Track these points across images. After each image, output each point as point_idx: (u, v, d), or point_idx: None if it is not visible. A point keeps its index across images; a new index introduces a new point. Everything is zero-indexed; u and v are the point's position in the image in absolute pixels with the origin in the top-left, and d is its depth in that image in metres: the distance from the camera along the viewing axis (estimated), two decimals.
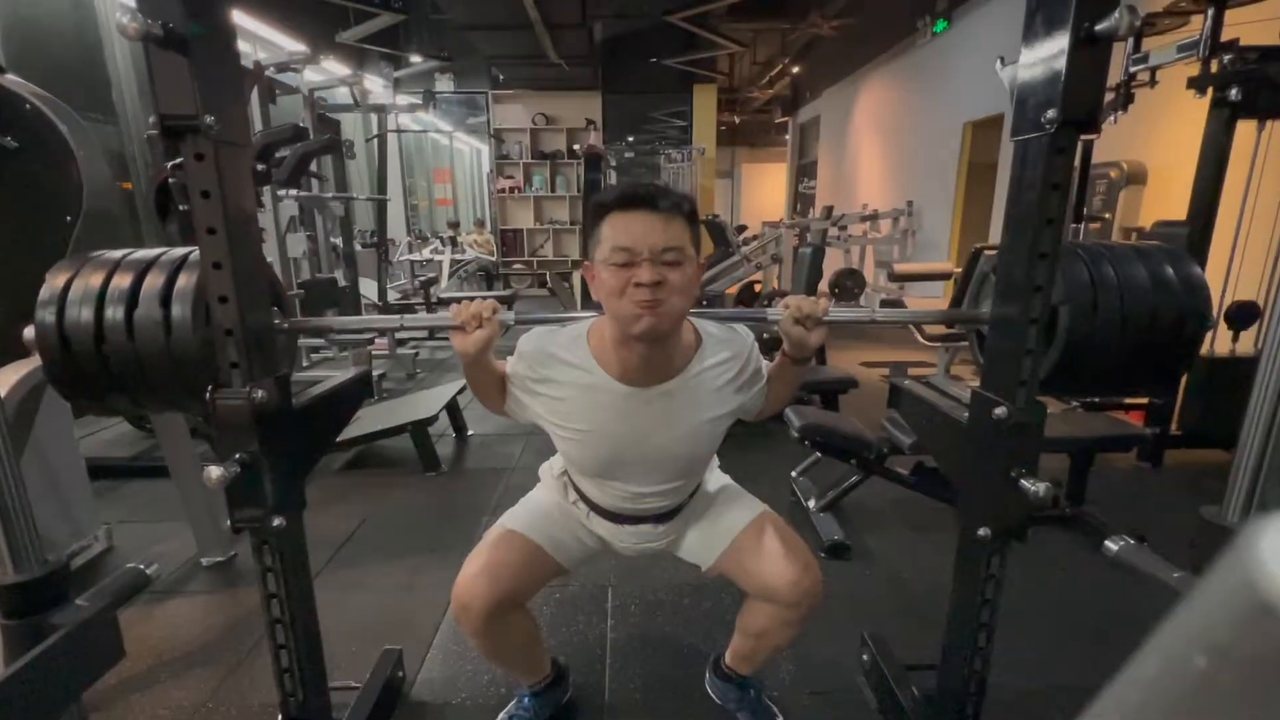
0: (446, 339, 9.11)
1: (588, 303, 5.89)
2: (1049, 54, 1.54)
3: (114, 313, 1.66)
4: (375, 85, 12.30)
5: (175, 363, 1.67)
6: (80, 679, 1.58)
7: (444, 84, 14.73)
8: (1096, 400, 4.97)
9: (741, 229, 11.88)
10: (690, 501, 2.20)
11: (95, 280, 1.69)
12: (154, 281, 1.69)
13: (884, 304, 6.87)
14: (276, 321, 1.85)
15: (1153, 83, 4.66)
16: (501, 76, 15.04)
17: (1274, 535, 0.26)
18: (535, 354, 1.93)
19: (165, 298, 1.68)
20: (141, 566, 1.98)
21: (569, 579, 3.15)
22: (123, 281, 1.69)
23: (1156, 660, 0.31)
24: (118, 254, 1.76)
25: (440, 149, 17.92)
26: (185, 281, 1.70)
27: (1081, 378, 1.80)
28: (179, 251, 1.77)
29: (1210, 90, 4.17)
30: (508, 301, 2.00)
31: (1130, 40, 4.67)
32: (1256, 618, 0.25)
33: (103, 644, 1.62)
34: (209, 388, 1.68)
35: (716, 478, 2.34)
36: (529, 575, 2.08)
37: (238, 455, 1.71)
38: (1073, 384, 1.92)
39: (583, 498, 2.17)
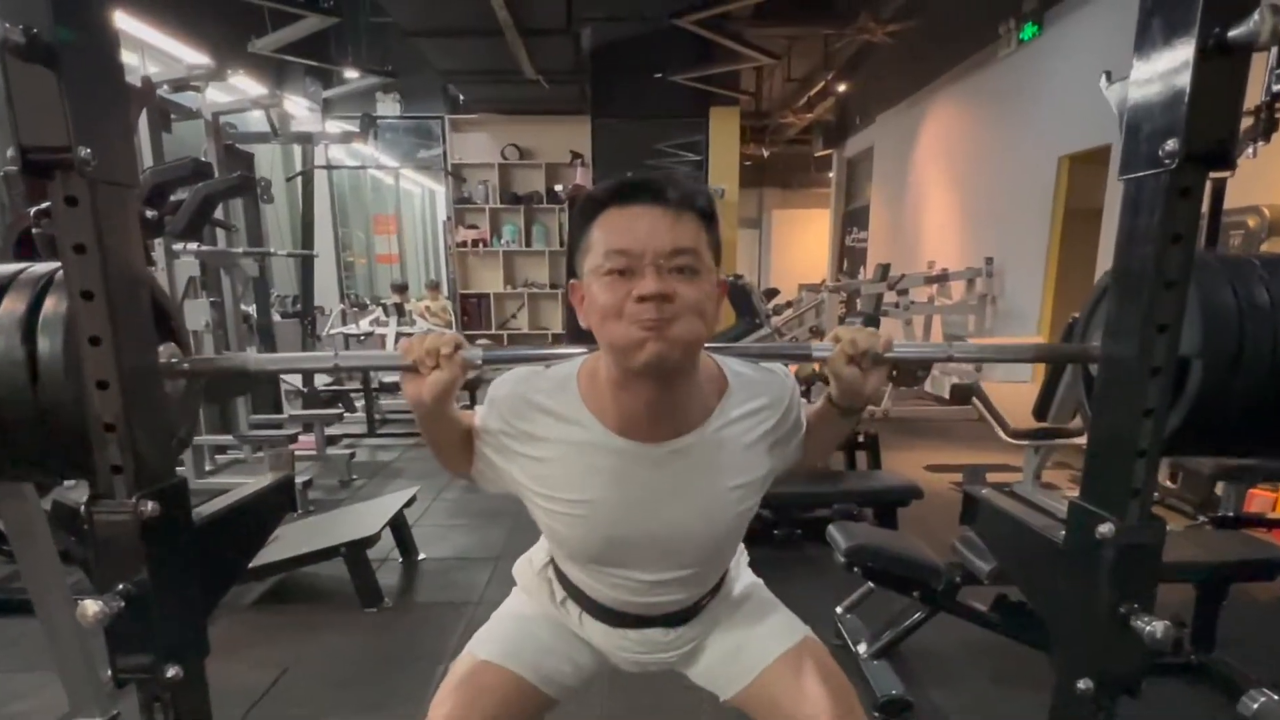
0: (391, 433, 9.14)
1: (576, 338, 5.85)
2: (1168, 68, 1.50)
3: None
4: (299, 108, 12.43)
5: (44, 416, 1.63)
6: None
7: (388, 106, 14.88)
8: (1231, 515, 4.97)
9: (771, 294, 11.95)
10: (712, 601, 2.13)
11: None
12: (13, 307, 1.65)
13: (955, 391, 6.87)
14: (173, 360, 1.80)
15: None
16: (462, 98, 15.16)
17: None
18: (511, 403, 1.86)
19: (29, 330, 1.63)
20: None
21: None
22: None
23: None
24: None
25: (383, 190, 18.07)
26: (54, 306, 1.65)
27: (1213, 437, 1.76)
28: (44, 267, 1.73)
29: None
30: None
31: (1273, 50, 4.66)
32: None
33: None
34: (90, 491, 1.65)
35: (745, 575, 2.28)
36: (510, 718, 2.01)
37: (121, 586, 1.66)
38: (1201, 444, 1.87)
39: (574, 595, 2.10)
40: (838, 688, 1.98)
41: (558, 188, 15.48)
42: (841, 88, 15.69)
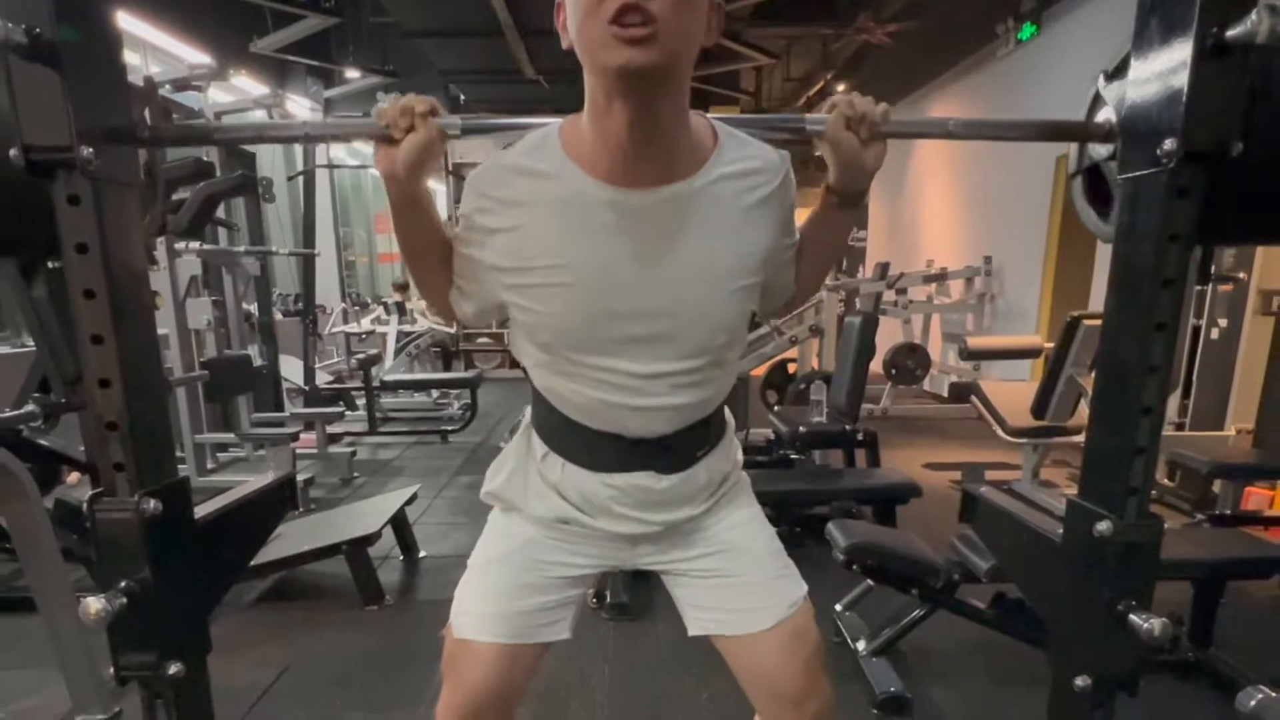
0: (392, 431, 9.13)
1: None
2: (1166, 67, 1.51)
3: None
4: (300, 108, 12.42)
5: None
6: None
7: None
8: (1228, 513, 4.97)
9: None
10: (707, 457, 1.95)
11: None
12: None
13: (954, 389, 6.89)
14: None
15: None
16: (463, 97, 15.00)
17: None
18: (487, 174, 1.74)
19: None
20: None
21: None
22: None
23: None
24: None
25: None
26: None
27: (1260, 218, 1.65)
28: None
29: None
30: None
31: None
32: None
33: None
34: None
35: (743, 479, 2.13)
36: (506, 687, 1.99)
37: (123, 584, 1.66)
38: (1244, 228, 1.73)
39: (555, 441, 1.93)
40: (821, 669, 1.95)
41: None
42: (840, 88, 15.53)
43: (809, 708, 1.92)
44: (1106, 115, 1.71)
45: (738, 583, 1.98)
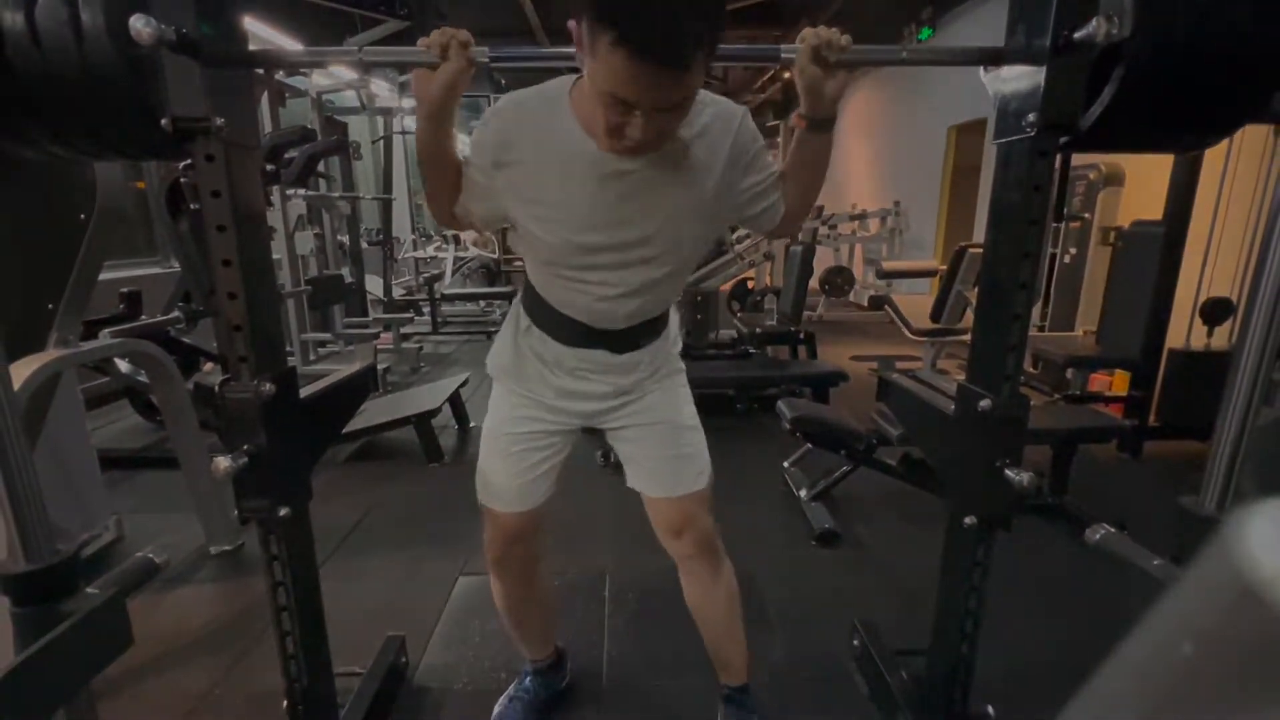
0: (450, 332, 9.10)
1: None
2: (1030, 60, 1.56)
3: (11, 17, 1.39)
4: (381, 89, 12.29)
5: (94, 79, 1.44)
6: (90, 666, 1.56)
7: None
8: (1078, 393, 4.99)
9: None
10: (652, 344, 1.93)
11: None
12: None
13: (872, 300, 6.89)
14: None
15: None
16: (503, 81, 14.82)
17: (1258, 524, 0.25)
18: (505, 113, 1.65)
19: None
20: (151, 555, 1.95)
21: (566, 565, 3.16)
22: None
23: (1144, 647, 0.30)
24: None
25: None
26: None
27: (1142, 120, 1.57)
28: None
29: None
30: None
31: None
32: (1243, 604, 0.25)
33: (112, 631, 1.59)
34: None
35: (679, 364, 2.06)
36: (524, 527, 2.02)
37: (245, 447, 1.70)
38: (1129, 130, 1.63)
39: (538, 318, 1.89)
40: (701, 516, 1.99)
41: None
42: (786, 75, 15.65)
43: (686, 537, 1.98)
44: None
45: (655, 456, 1.98)
